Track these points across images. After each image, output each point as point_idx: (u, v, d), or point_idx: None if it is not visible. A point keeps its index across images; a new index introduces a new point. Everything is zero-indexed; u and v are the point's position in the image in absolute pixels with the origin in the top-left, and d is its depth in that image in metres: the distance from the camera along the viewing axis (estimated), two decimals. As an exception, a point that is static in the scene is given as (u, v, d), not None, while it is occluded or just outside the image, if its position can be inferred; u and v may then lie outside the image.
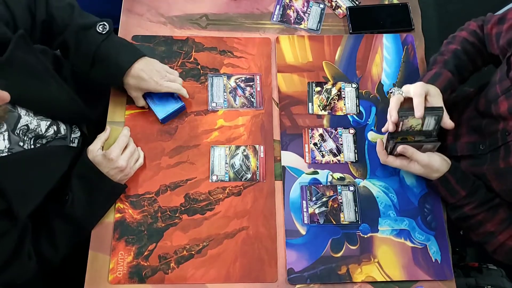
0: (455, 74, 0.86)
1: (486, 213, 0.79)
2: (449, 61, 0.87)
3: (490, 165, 0.79)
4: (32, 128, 0.75)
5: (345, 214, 0.86)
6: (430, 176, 0.82)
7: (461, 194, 0.80)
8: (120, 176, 0.80)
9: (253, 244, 0.84)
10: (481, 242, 0.83)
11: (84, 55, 0.81)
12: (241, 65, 0.98)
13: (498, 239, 0.79)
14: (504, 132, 0.77)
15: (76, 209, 0.76)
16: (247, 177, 0.88)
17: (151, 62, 0.86)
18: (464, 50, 0.88)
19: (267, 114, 0.94)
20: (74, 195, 0.76)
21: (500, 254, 0.81)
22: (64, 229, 0.77)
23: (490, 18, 0.87)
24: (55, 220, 0.76)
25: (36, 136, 0.77)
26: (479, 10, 0.99)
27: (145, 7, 1.02)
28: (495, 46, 0.84)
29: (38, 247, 0.75)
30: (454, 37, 0.92)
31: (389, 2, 1.07)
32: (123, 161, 0.79)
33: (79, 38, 0.80)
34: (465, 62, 0.88)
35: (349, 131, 0.93)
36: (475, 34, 0.89)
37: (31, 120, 0.75)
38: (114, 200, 0.84)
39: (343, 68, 0.99)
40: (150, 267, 0.81)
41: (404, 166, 0.82)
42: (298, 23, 1.04)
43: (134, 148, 0.83)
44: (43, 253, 0.75)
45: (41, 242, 0.76)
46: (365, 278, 0.82)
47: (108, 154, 0.77)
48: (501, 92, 0.78)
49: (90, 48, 0.80)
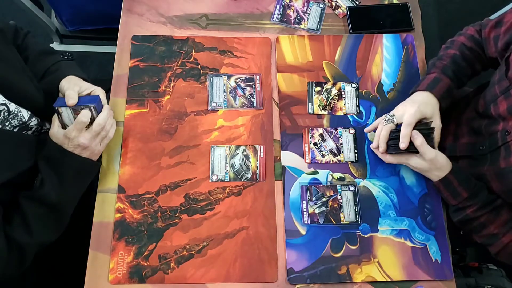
0: (454, 80, 0.87)
1: (489, 215, 0.79)
2: (448, 66, 0.87)
3: (491, 165, 0.79)
4: (13, 110, 0.74)
5: (345, 214, 0.86)
6: (430, 174, 0.82)
7: (463, 195, 0.79)
8: (87, 154, 0.78)
9: (253, 244, 0.84)
10: (484, 244, 0.82)
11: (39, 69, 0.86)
12: (241, 65, 0.98)
13: (502, 240, 0.78)
14: (504, 132, 0.77)
15: (45, 190, 0.74)
16: (247, 177, 0.88)
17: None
18: (462, 55, 0.88)
19: (267, 114, 0.94)
20: (43, 176, 0.74)
21: (504, 256, 0.81)
22: (36, 212, 0.74)
23: (487, 22, 0.87)
24: (26, 204, 0.74)
25: (21, 125, 0.77)
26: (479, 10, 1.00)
27: (145, 7, 1.02)
28: (493, 49, 0.85)
29: (10, 232, 0.72)
30: (452, 42, 0.92)
31: (389, 2, 1.07)
32: (84, 139, 0.76)
33: (41, 58, 0.87)
34: (464, 68, 0.88)
35: (349, 131, 0.93)
36: (473, 39, 0.89)
37: (9, 102, 0.74)
38: (87, 178, 0.81)
39: (343, 68, 0.99)
40: (150, 267, 0.81)
41: (403, 161, 0.83)
42: (298, 23, 1.04)
43: (99, 127, 0.79)
44: (15, 239, 0.72)
45: (13, 227, 0.73)
46: (365, 278, 0.82)
47: (68, 134, 0.76)
48: (500, 92, 0.78)
49: (47, 64, 0.86)
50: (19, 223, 0.74)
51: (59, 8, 1.27)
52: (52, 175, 0.75)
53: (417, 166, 0.82)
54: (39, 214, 0.75)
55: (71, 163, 0.77)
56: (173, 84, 0.95)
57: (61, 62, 0.89)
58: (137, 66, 0.96)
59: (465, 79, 0.90)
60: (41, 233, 0.75)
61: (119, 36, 0.99)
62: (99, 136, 0.80)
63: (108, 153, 0.89)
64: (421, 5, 1.07)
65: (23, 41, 0.88)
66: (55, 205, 0.75)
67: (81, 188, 0.81)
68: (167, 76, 0.96)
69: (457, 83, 0.87)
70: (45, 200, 0.74)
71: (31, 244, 0.74)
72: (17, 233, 0.73)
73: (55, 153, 0.76)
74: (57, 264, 0.97)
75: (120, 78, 0.95)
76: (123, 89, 0.94)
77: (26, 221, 0.73)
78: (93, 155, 0.80)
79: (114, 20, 1.04)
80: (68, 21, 1.32)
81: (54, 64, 0.87)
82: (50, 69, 0.86)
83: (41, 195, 0.74)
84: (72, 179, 0.78)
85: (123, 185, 0.86)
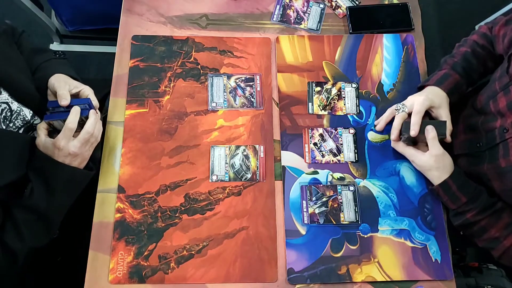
0: (464, 76, 0.87)
1: (489, 219, 0.78)
2: (458, 63, 0.88)
3: (490, 164, 0.79)
4: (15, 109, 0.74)
5: (345, 214, 0.86)
6: (431, 174, 0.82)
7: (462, 200, 0.79)
8: (78, 161, 0.77)
9: (253, 244, 0.84)
10: (486, 248, 0.82)
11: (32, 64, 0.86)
12: (241, 65, 0.98)
13: (504, 244, 0.78)
14: (502, 130, 0.77)
15: (34, 199, 0.73)
16: (247, 177, 0.88)
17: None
18: (473, 52, 0.89)
19: (267, 114, 0.94)
20: (33, 186, 0.74)
21: (507, 259, 0.80)
22: (26, 219, 0.74)
23: (499, 20, 0.88)
24: (17, 211, 0.74)
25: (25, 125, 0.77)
26: (479, 10, 1.00)
27: (145, 7, 1.02)
28: (500, 46, 0.85)
29: (1, 236, 0.73)
30: (465, 40, 0.93)
31: (389, 2, 1.07)
32: (74, 148, 0.75)
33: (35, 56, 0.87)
34: (475, 64, 0.89)
35: (349, 131, 0.93)
36: (485, 36, 0.90)
37: (12, 101, 0.74)
38: (78, 187, 0.80)
39: (343, 68, 0.99)
40: (150, 267, 0.81)
41: (412, 154, 0.84)
42: (298, 23, 1.04)
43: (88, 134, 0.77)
44: (7, 243, 0.73)
45: (5, 232, 0.74)
46: (365, 278, 0.82)
47: (58, 143, 0.74)
48: (500, 88, 0.78)
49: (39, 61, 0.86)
50: (11, 229, 0.74)
51: (59, 8, 1.27)
52: (42, 185, 0.74)
53: (421, 163, 0.83)
54: (29, 221, 0.75)
55: (62, 174, 0.76)
56: (173, 84, 0.95)
57: (52, 60, 0.89)
58: (137, 66, 0.96)
59: (476, 76, 0.90)
60: (32, 238, 0.75)
61: (119, 36, 0.99)
62: (88, 142, 0.78)
63: (108, 153, 0.89)
64: (421, 5, 1.07)
65: (18, 39, 0.88)
66: (44, 214, 0.75)
67: (71, 197, 0.80)
68: (167, 76, 0.96)
69: (466, 79, 0.88)
70: (34, 208, 0.74)
71: (23, 249, 0.75)
72: (9, 239, 0.73)
73: (45, 164, 0.75)
74: (57, 264, 0.97)
75: (120, 78, 0.95)
76: (123, 89, 0.94)
77: (17, 227, 0.74)
78: (84, 159, 0.79)
79: (114, 20, 1.04)
80: (68, 21, 1.32)
81: (45, 61, 0.87)
82: (41, 66, 0.86)
83: (30, 204, 0.74)
84: (61, 189, 0.77)
85: (123, 185, 0.86)
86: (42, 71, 0.85)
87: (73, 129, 0.75)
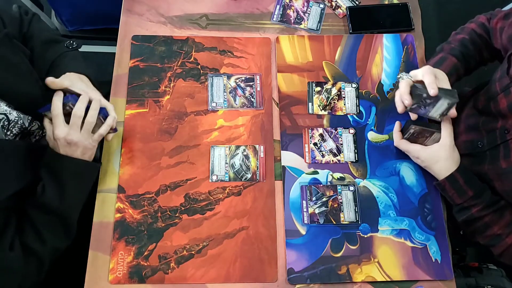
0: (461, 60, 0.87)
1: (493, 215, 0.78)
2: (456, 48, 0.88)
3: (491, 164, 0.79)
4: (13, 119, 0.74)
5: (345, 214, 0.86)
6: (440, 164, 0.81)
7: (469, 194, 0.79)
8: (80, 151, 0.76)
9: (253, 244, 0.84)
10: (487, 245, 0.82)
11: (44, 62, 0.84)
12: (241, 65, 0.98)
13: (506, 241, 0.78)
14: (503, 130, 0.77)
15: (47, 196, 0.73)
16: (247, 177, 0.88)
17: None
18: (471, 40, 0.89)
19: (267, 114, 0.94)
20: (44, 183, 0.74)
21: (507, 257, 0.80)
22: (43, 220, 0.74)
23: (498, 13, 0.88)
24: (32, 212, 0.74)
25: (22, 132, 0.76)
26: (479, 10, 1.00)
27: (145, 7, 1.02)
28: (498, 40, 0.85)
29: (23, 239, 0.73)
30: (462, 28, 0.93)
31: (389, 2, 1.07)
32: (63, 133, 0.73)
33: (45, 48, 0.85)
34: (472, 51, 0.89)
35: (349, 131, 0.93)
36: (483, 26, 0.90)
37: (10, 111, 0.74)
38: (87, 180, 0.80)
39: (343, 68, 0.99)
40: (150, 267, 0.81)
41: (417, 150, 0.83)
42: (298, 23, 1.04)
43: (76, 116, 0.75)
44: (29, 245, 0.73)
45: (26, 234, 0.74)
46: (365, 278, 0.82)
47: (54, 135, 0.74)
48: (500, 89, 0.78)
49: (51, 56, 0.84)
50: (30, 231, 0.74)
51: (59, 8, 1.27)
52: (52, 180, 0.75)
53: (429, 156, 0.82)
54: (46, 221, 0.75)
55: (67, 166, 0.76)
56: (173, 84, 0.95)
57: (66, 54, 0.87)
58: (137, 66, 0.96)
59: (473, 62, 0.90)
60: (51, 238, 0.75)
61: (119, 36, 0.99)
62: (83, 129, 0.76)
63: (108, 153, 0.89)
64: (421, 5, 1.07)
65: (28, 29, 0.86)
66: (59, 211, 0.75)
67: (82, 191, 0.80)
68: (167, 76, 0.96)
69: (464, 63, 0.88)
70: (48, 206, 0.74)
71: (45, 250, 0.75)
72: (30, 240, 0.73)
73: (51, 158, 0.75)
74: (57, 264, 0.97)
75: (120, 78, 0.95)
76: (123, 89, 0.94)
77: (35, 228, 0.74)
78: (87, 150, 0.77)
79: (114, 20, 1.04)
80: (68, 21, 1.32)
81: (59, 56, 0.86)
82: (55, 62, 0.85)
83: (44, 201, 0.74)
84: (70, 182, 0.77)
85: (123, 185, 0.86)
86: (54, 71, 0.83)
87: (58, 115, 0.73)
